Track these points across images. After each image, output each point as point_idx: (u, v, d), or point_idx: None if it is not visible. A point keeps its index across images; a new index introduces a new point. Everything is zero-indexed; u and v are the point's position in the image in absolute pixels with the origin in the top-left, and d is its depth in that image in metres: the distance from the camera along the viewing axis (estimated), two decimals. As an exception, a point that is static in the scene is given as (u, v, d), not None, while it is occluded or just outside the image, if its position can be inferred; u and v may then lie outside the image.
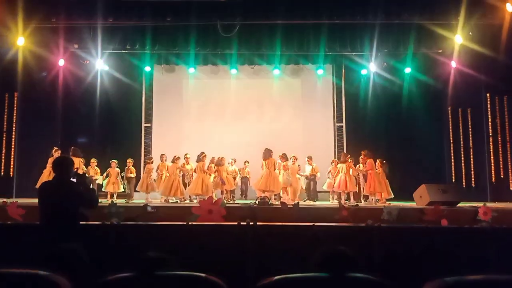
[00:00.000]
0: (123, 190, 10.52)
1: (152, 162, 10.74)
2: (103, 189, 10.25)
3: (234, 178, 11.03)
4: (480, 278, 1.91)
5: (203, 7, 9.77)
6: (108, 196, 10.26)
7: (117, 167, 10.51)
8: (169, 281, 2.06)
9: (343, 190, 10.20)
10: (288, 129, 12.74)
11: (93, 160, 10.44)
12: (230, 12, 9.98)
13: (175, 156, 10.49)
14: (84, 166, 9.99)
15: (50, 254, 2.86)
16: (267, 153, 9.98)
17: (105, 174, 10.43)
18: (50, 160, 9.65)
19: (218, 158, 10.50)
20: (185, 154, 10.68)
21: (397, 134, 12.58)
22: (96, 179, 10.21)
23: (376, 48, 11.18)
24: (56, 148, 9.99)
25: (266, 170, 9.83)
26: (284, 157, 10.21)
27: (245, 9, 9.89)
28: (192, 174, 10.52)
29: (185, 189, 10.43)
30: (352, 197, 10.36)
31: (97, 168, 10.44)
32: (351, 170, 10.22)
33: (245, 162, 11.33)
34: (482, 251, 4.10)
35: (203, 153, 10.28)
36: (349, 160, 10.33)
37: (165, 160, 10.66)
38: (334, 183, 10.36)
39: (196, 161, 10.23)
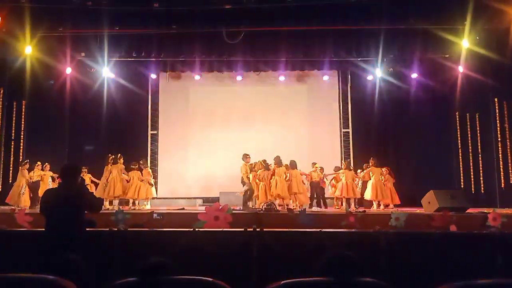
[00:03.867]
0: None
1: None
2: None
3: None
4: (488, 282, 1.88)
5: (208, 14, 9.82)
6: None
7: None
8: (176, 286, 2.06)
9: (344, 196, 10.34)
10: (294, 136, 12.73)
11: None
12: (235, 19, 10.02)
13: None
14: None
15: (55, 262, 2.87)
16: (280, 160, 9.99)
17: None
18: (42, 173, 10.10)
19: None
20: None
21: (404, 140, 12.49)
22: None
23: (382, 54, 11.14)
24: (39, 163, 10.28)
25: (279, 177, 9.83)
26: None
27: (250, 16, 9.92)
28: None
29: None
30: (353, 204, 10.39)
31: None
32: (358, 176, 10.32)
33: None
34: (492, 257, 4.05)
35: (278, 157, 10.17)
36: (351, 168, 10.54)
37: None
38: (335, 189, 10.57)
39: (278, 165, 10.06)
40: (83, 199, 3.93)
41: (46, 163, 10.44)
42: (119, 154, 10.32)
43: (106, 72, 11.97)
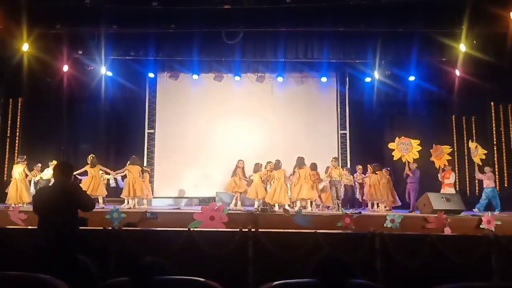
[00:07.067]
0: None
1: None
2: None
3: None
4: (479, 285, 1.89)
5: (207, 14, 9.81)
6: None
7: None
8: (168, 286, 2.05)
9: (371, 199, 10.55)
10: (292, 137, 12.72)
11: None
12: (234, 19, 10.01)
13: None
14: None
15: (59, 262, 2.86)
16: (303, 162, 9.98)
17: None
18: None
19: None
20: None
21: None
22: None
23: (380, 56, 11.18)
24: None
25: (303, 179, 9.82)
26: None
27: (249, 16, 9.92)
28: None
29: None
30: (382, 205, 10.51)
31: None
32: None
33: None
34: (486, 259, 4.07)
35: (279, 161, 10.11)
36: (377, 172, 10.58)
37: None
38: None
39: (274, 169, 9.99)
40: (78, 198, 3.91)
41: (39, 164, 10.46)
42: (133, 156, 10.36)
43: (104, 71, 11.92)
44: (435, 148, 10.09)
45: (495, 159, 11.36)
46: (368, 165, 10.90)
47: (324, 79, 12.80)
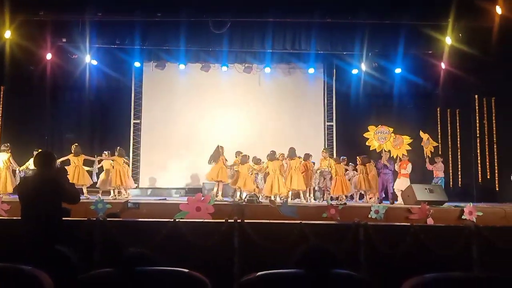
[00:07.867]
0: None
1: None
2: None
3: None
4: (459, 275, 1.92)
5: (194, 2, 9.70)
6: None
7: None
8: (151, 277, 2.05)
9: (358, 190, 10.76)
10: (278, 128, 12.73)
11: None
12: (222, 9, 9.93)
13: None
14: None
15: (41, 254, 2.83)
16: (294, 153, 9.97)
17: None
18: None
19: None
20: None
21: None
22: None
23: (367, 48, 11.23)
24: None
25: (293, 170, 9.83)
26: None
27: (237, 6, 9.84)
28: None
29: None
30: (367, 196, 10.68)
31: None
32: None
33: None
34: (467, 249, 4.16)
35: (274, 152, 10.01)
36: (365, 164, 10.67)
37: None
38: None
39: (270, 160, 9.86)
40: (62, 189, 3.84)
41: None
42: (119, 147, 10.22)
43: (88, 59, 11.71)
44: (395, 137, 9.96)
45: (478, 151, 11.55)
46: (357, 157, 10.99)
47: (311, 70, 12.80)
